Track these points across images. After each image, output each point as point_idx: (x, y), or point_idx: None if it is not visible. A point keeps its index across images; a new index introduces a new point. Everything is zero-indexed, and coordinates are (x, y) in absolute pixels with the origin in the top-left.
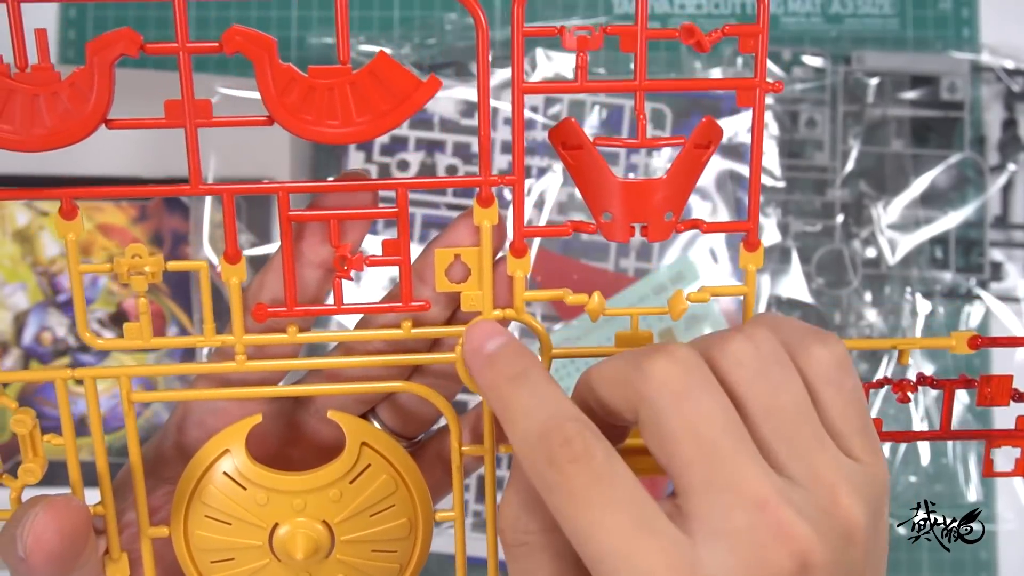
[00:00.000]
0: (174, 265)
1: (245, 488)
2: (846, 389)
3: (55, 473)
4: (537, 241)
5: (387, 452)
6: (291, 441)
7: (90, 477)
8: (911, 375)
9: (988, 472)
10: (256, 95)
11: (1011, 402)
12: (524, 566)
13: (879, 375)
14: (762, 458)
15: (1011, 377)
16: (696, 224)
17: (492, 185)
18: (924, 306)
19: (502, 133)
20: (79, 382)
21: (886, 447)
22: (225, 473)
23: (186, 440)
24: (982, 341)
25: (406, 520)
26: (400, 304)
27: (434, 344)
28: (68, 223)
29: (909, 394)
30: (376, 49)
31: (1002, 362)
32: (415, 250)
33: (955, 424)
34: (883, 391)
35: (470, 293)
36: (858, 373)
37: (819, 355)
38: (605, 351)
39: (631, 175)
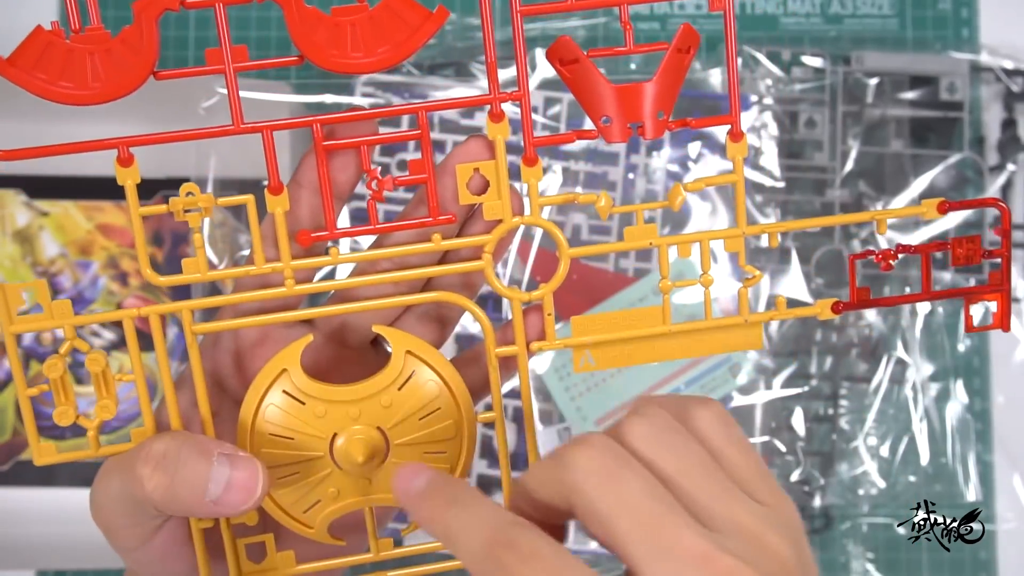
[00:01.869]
0: (224, 201)
1: (304, 403)
2: (735, 439)
3: (56, 472)
4: (536, 242)
5: (430, 359)
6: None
7: (83, 477)
8: (909, 378)
9: (969, 328)
10: (256, 95)
11: (982, 259)
12: None
13: (879, 375)
14: (691, 517)
15: (980, 237)
16: (685, 122)
17: (501, 101)
18: (924, 306)
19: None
20: (78, 381)
21: (887, 443)
22: (285, 391)
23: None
24: (950, 206)
25: (452, 422)
26: (429, 219)
27: (443, 257)
28: (126, 170)
29: (907, 393)
30: None
31: (1001, 361)
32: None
33: (954, 423)
34: (881, 392)
35: (491, 203)
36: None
37: (703, 416)
38: (617, 247)
39: (631, 175)
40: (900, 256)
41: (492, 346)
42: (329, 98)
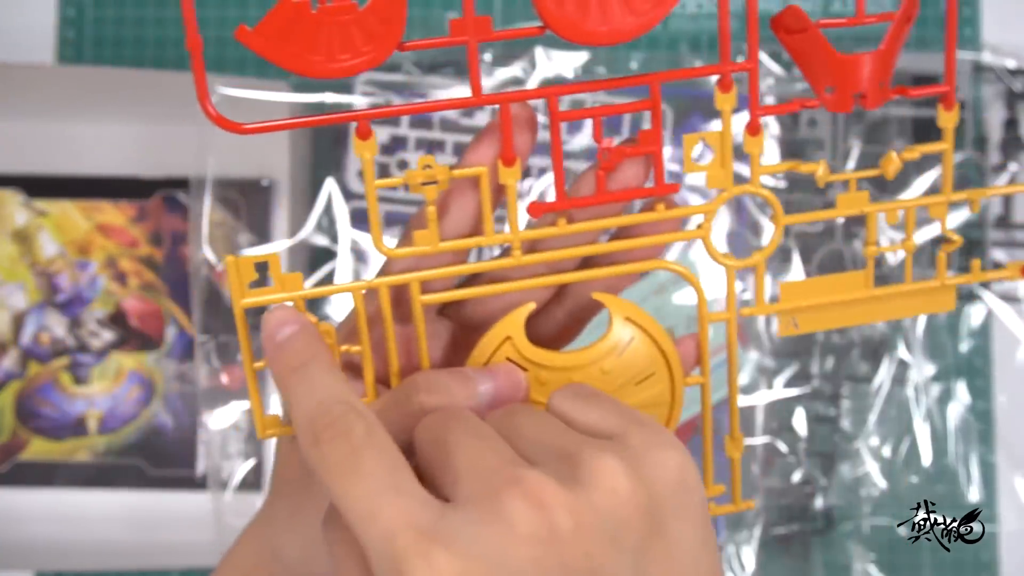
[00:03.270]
0: (459, 173)
1: (527, 369)
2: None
3: (56, 472)
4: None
5: (646, 325)
6: (453, 361)
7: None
8: (911, 378)
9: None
10: (256, 95)
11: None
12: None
13: (881, 376)
14: (514, 454)
15: None
16: (903, 90)
17: (732, 71)
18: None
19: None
20: (77, 382)
21: (889, 444)
22: (508, 358)
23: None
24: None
25: (666, 386)
26: (656, 188)
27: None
28: (364, 143)
29: (909, 393)
30: None
31: (1003, 362)
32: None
33: (956, 423)
34: (883, 393)
35: (714, 172)
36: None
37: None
38: (831, 214)
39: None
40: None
41: (704, 312)
42: (329, 97)
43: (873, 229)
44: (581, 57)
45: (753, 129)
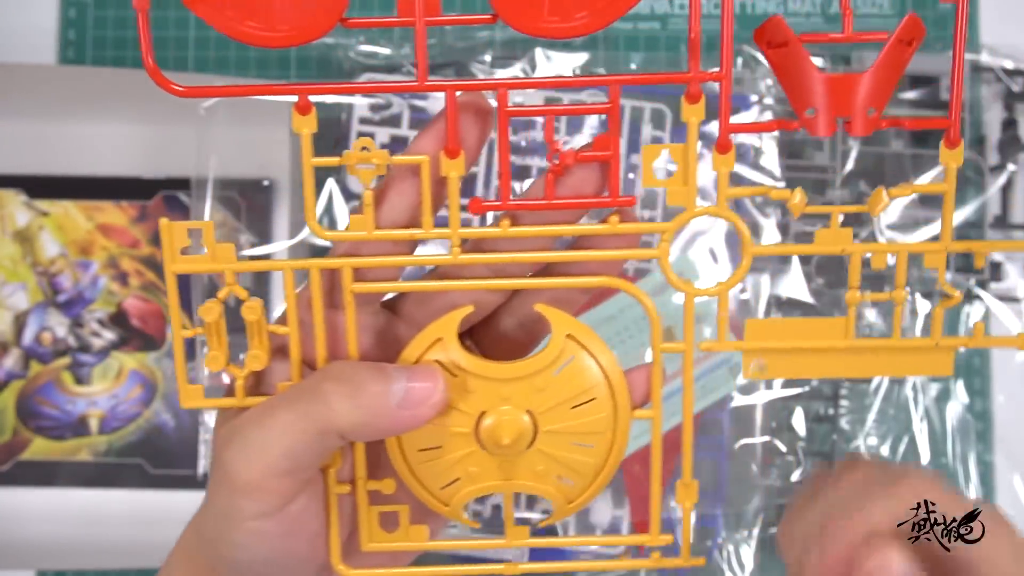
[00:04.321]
0: (398, 159)
1: (455, 375)
2: None
3: (56, 472)
4: None
5: (591, 345)
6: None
7: (84, 476)
8: (909, 378)
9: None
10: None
11: None
12: None
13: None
14: None
15: None
16: (898, 122)
17: (701, 81)
18: (924, 306)
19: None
20: (78, 381)
21: (887, 443)
22: (437, 361)
23: None
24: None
25: (606, 415)
26: (609, 199)
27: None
28: (303, 118)
29: (908, 393)
30: (375, 50)
31: (1001, 361)
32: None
33: (954, 423)
34: (881, 392)
35: (676, 189)
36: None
37: None
38: (806, 250)
39: (631, 175)
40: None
41: (658, 341)
42: (329, 98)
43: (856, 274)
44: (581, 58)
45: (722, 147)
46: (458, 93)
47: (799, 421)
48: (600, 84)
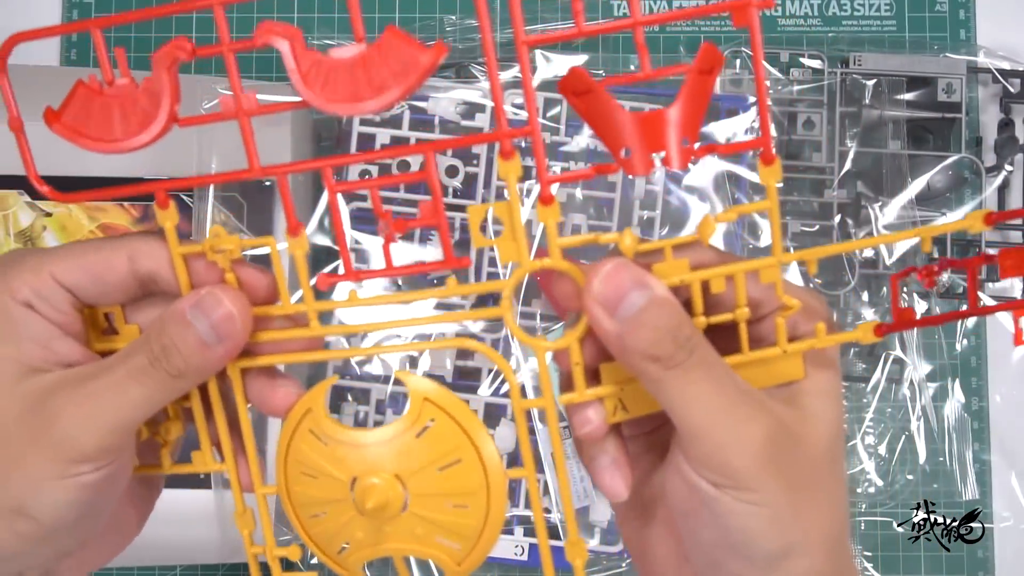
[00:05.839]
0: (249, 242)
1: (326, 444)
2: None
3: None
4: (535, 242)
5: (451, 408)
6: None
7: None
8: (907, 377)
9: (1019, 341)
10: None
11: None
12: None
13: (877, 375)
14: None
15: None
16: (712, 148)
17: (510, 137)
18: (921, 306)
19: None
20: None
21: (885, 442)
22: (310, 431)
23: None
24: (996, 217)
25: (476, 476)
26: (445, 262)
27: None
28: (164, 212)
29: (905, 392)
30: None
31: (998, 360)
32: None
33: (951, 422)
34: (879, 391)
35: (506, 245)
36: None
37: None
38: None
39: (630, 175)
40: (947, 272)
41: (517, 399)
42: None
43: (698, 300)
44: (580, 59)
45: (545, 199)
46: (289, 176)
47: None
48: (416, 152)
